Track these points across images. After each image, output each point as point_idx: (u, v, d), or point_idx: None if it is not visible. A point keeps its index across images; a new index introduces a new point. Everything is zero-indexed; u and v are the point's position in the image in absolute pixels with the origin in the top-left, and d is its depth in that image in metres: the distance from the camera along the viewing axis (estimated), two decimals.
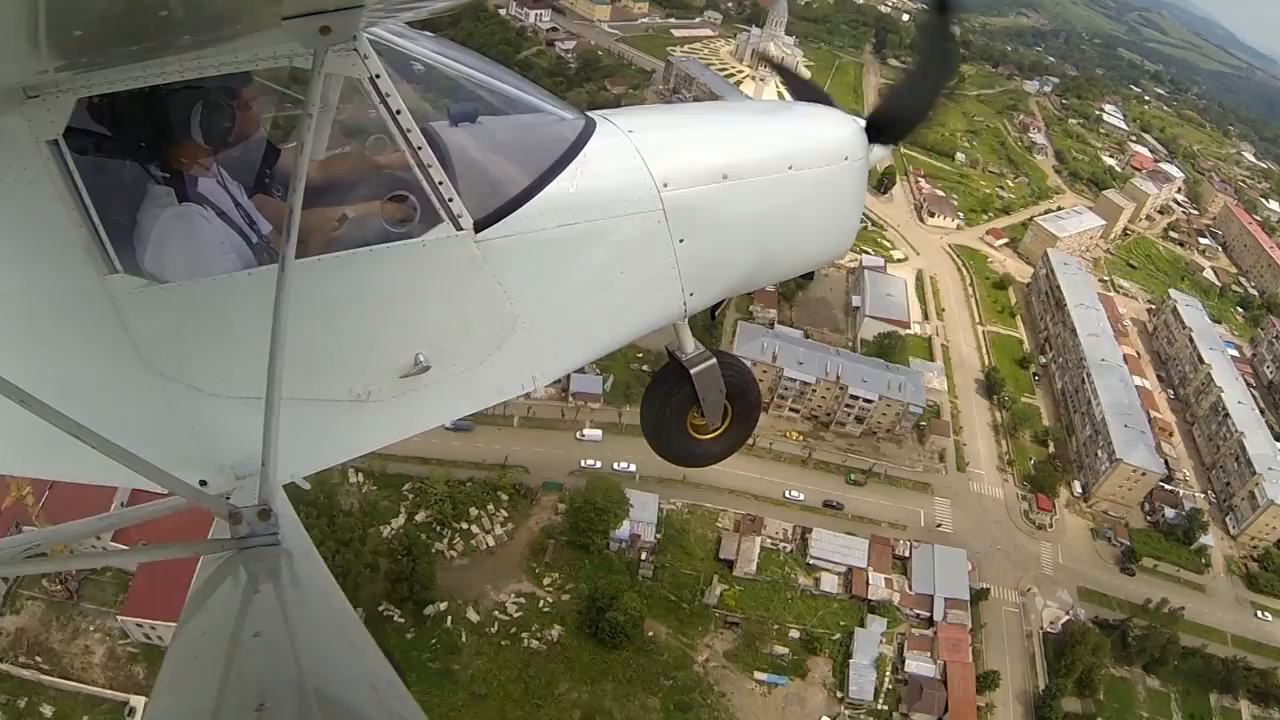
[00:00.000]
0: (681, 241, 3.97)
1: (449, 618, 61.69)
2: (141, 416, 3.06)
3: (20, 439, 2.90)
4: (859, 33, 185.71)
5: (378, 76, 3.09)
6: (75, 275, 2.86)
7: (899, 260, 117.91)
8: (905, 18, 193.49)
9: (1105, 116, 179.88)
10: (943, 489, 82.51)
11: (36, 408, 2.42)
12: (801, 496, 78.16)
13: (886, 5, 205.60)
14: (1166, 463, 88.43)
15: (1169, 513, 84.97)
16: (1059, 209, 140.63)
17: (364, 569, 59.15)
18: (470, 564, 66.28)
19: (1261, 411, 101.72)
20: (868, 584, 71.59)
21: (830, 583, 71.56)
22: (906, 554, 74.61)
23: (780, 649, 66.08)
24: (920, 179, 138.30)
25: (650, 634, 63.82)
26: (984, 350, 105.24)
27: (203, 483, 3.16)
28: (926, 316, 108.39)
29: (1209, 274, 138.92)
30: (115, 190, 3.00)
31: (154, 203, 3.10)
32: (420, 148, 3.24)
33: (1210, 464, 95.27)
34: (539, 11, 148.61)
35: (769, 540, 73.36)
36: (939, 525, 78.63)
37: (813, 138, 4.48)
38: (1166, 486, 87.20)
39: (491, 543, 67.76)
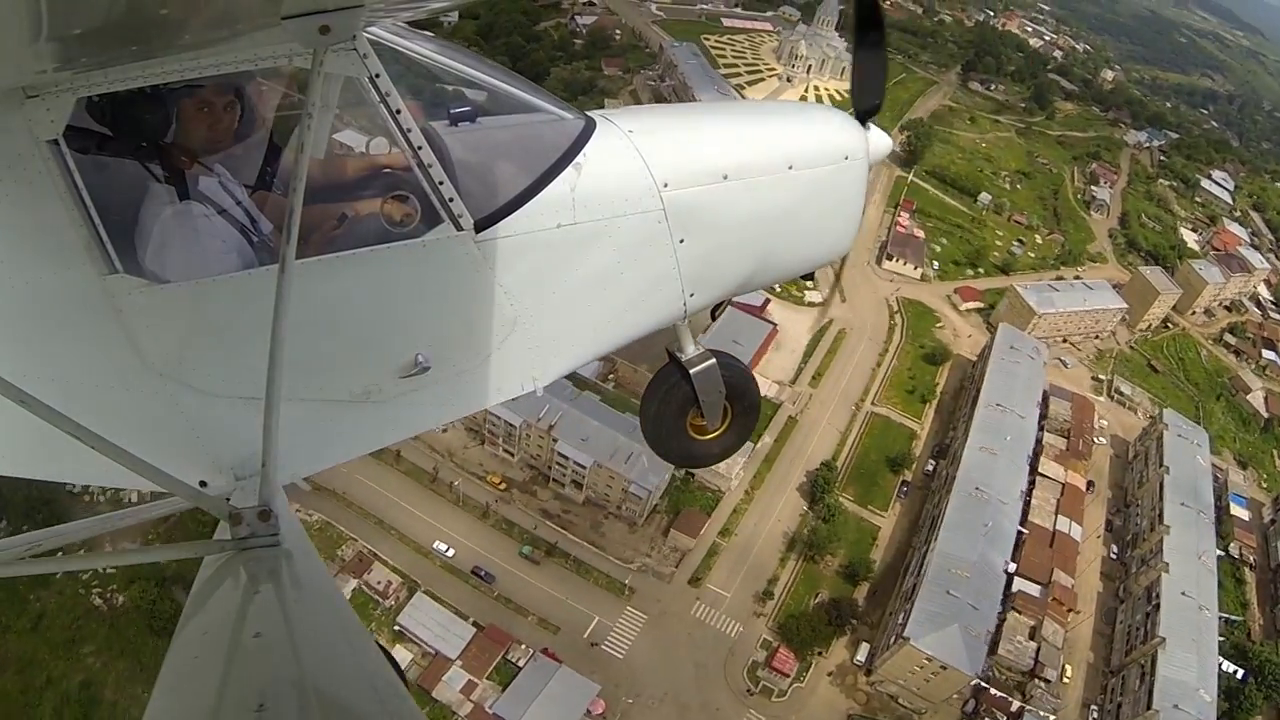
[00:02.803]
0: (682, 242, 3.92)
1: None
2: (141, 417, 3.03)
3: (20, 439, 2.90)
4: (955, 52, 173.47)
5: (377, 76, 3.07)
6: (75, 275, 2.84)
7: (809, 304, 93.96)
8: (1058, 54, 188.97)
9: (1206, 184, 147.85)
10: (647, 601, 61.76)
11: (36, 408, 2.39)
12: (451, 553, 62.49)
13: (1038, 38, 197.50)
14: (1003, 659, 62.02)
15: None
16: (1076, 278, 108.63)
17: None
18: None
19: (1230, 618, 69.55)
20: (439, 679, 55.31)
21: (403, 659, 55.50)
22: (520, 663, 56.85)
23: None
24: (904, 212, 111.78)
25: None
26: (852, 438, 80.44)
27: (203, 483, 3.12)
28: (795, 380, 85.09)
29: (1257, 399, 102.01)
30: (115, 190, 2.96)
31: (154, 202, 3.07)
32: (420, 147, 3.21)
33: (1115, 669, 66.03)
34: None
35: (366, 587, 59.53)
36: (595, 644, 59.10)
37: (813, 137, 4.41)
38: (995, 692, 60.04)
39: None
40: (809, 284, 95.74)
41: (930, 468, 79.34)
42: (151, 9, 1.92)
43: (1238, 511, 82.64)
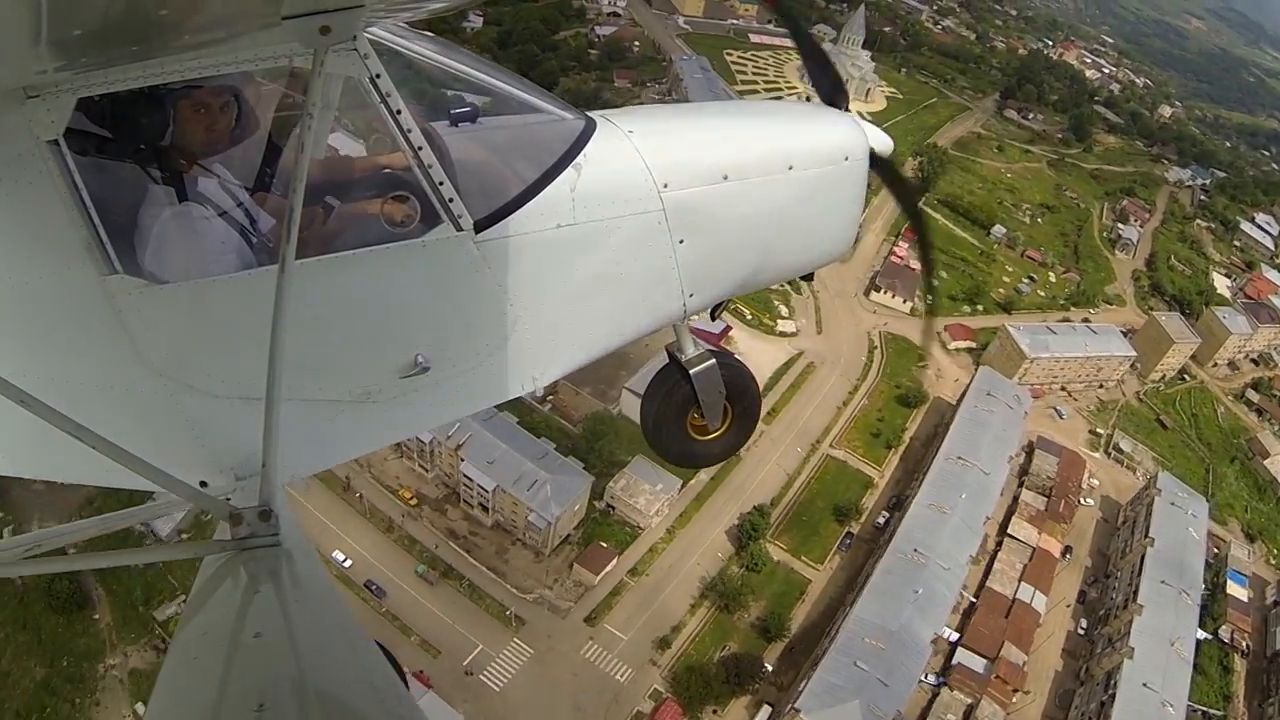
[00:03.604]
0: (682, 242, 3.92)
1: None
2: (141, 417, 3.03)
3: (20, 439, 2.90)
4: (998, 79, 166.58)
5: (378, 76, 3.07)
6: (75, 275, 2.84)
7: (782, 334, 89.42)
8: (1115, 87, 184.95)
9: (1247, 226, 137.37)
10: (537, 635, 57.90)
11: (36, 408, 2.40)
12: (348, 564, 59.35)
13: (1096, 70, 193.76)
14: None
15: None
16: (1084, 321, 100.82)
17: None
18: None
19: (1207, 711, 62.04)
20: None
21: None
22: None
23: None
24: (902, 242, 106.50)
25: None
26: (800, 481, 74.91)
27: (203, 484, 3.11)
28: None
29: (1276, 465, 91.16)
30: (115, 190, 2.96)
31: (154, 203, 3.07)
32: (421, 148, 3.22)
33: None
34: None
35: None
36: (471, 674, 55.09)
37: (812, 138, 4.41)
38: None
39: None
40: (783, 313, 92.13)
41: (882, 521, 71.89)
42: (151, 9, 1.93)
43: (1235, 591, 73.53)
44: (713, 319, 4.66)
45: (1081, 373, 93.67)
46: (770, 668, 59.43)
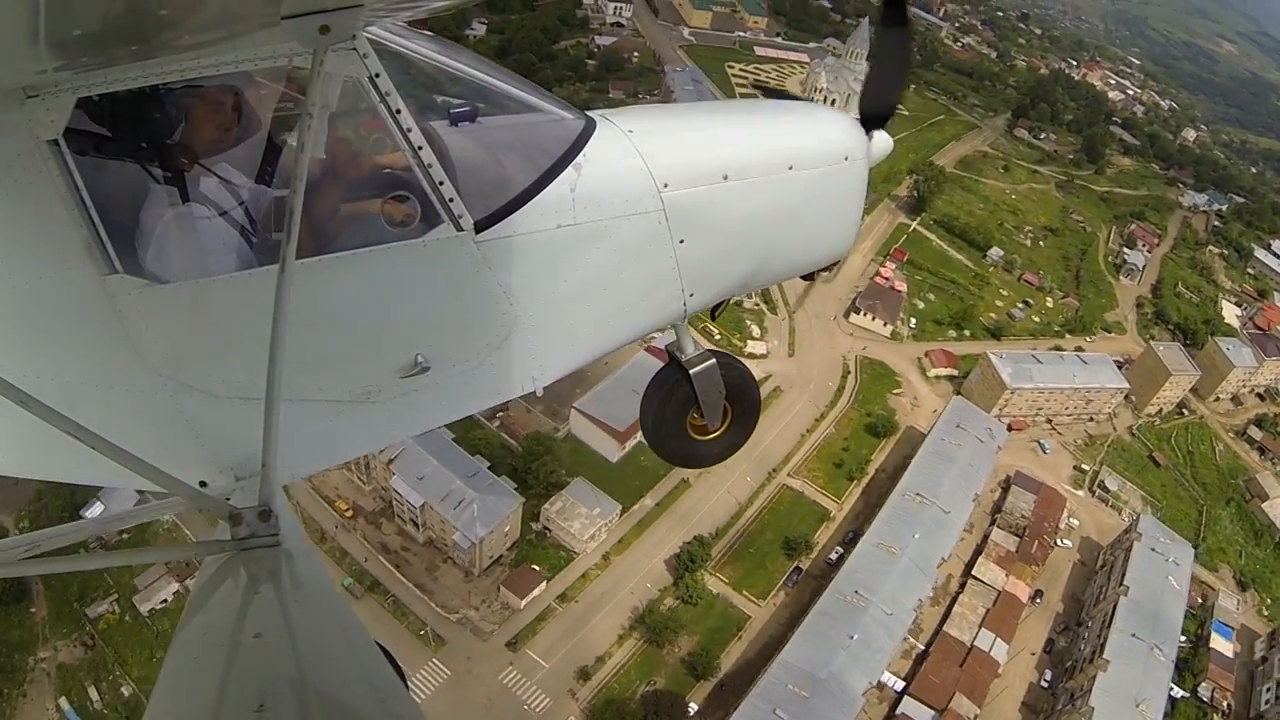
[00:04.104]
0: (682, 242, 3.92)
1: None
2: (141, 417, 3.03)
3: (20, 439, 2.90)
4: (1012, 97, 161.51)
5: (377, 76, 3.07)
6: (75, 275, 2.84)
7: (751, 355, 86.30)
8: (1138, 109, 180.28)
9: (1262, 254, 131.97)
10: (456, 656, 56.24)
11: (36, 408, 2.40)
12: None
13: (1120, 92, 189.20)
14: None
15: None
16: (1078, 349, 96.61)
17: None
18: None
19: None
20: None
21: None
22: None
23: None
24: (890, 262, 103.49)
25: None
26: (751, 511, 71.34)
27: (203, 484, 3.12)
28: None
29: (1275, 509, 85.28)
30: (116, 190, 2.96)
31: (155, 203, 3.07)
32: (420, 148, 3.22)
33: None
34: (619, 4, 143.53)
35: (185, 590, 55.13)
36: None
37: (813, 138, 4.40)
38: None
39: None
40: (754, 334, 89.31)
41: (834, 557, 67.83)
42: (151, 9, 1.94)
43: (1220, 644, 68.19)
44: (713, 319, 4.71)
45: (1069, 405, 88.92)
46: (695, 708, 56.42)
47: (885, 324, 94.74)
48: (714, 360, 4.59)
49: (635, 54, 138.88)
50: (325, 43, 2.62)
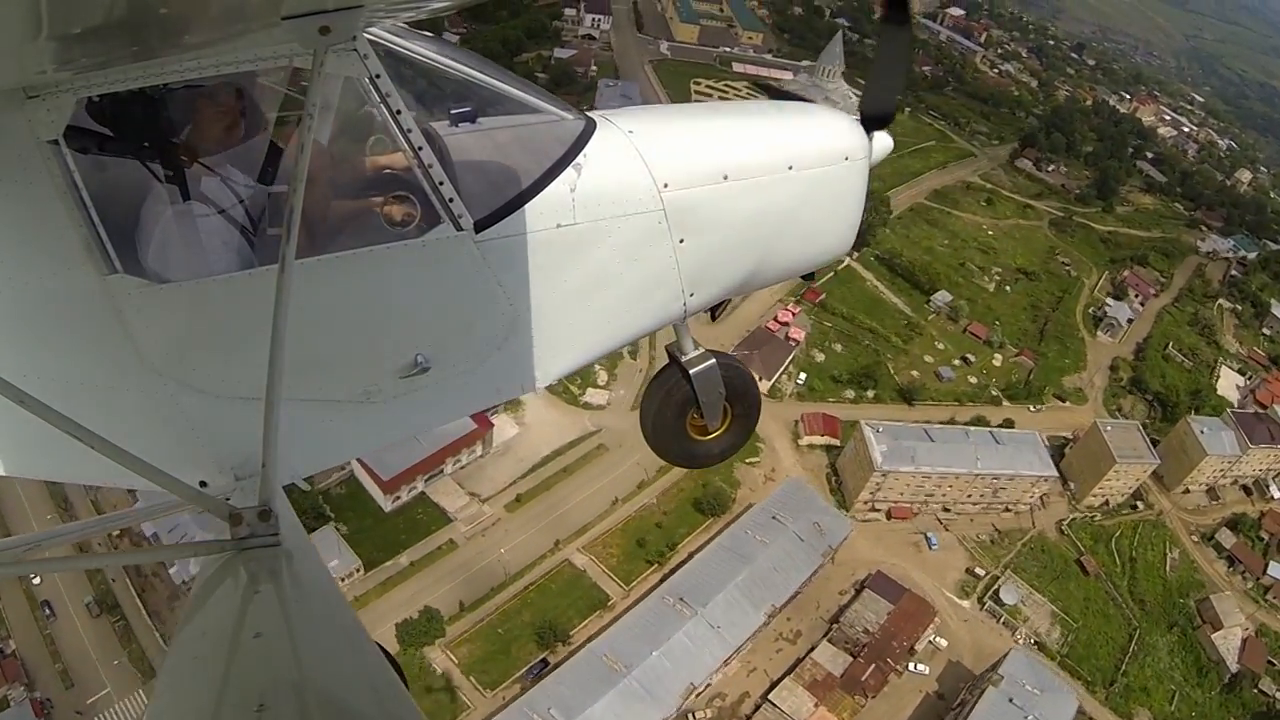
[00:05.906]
0: (682, 242, 3.93)
1: None
2: (142, 417, 3.04)
3: (20, 439, 2.93)
4: (1025, 124, 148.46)
5: (378, 76, 3.09)
6: (75, 275, 2.85)
7: (586, 405, 74.99)
8: (1192, 148, 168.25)
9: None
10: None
11: (36, 408, 2.41)
12: (38, 582, 55.58)
13: (1175, 128, 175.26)
14: None
15: None
16: (1005, 423, 79.69)
17: None
18: None
19: None
20: None
21: None
22: (12, 703, 51.55)
23: None
24: (795, 306, 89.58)
25: None
26: (517, 586, 62.21)
27: (203, 484, 3.12)
28: (494, 497, 66.31)
29: (1228, 642, 66.30)
30: (116, 190, 2.98)
31: (155, 202, 3.07)
32: (421, 148, 3.23)
33: None
34: (598, 16, 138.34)
35: None
36: (81, 714, 52.45)
37: (813, 138, 4.40)
38: None
39: None
40: (599, 381, 77.07)
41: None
42: (151, 9, 1.93)
43: None
44: (713, 319, 4.71)
45: (970, 491, 72.08)
46: None
47: (761, 378, 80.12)
48: (714, 360, 4.55)
49: (594, 68, 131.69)
50: (325, 43, 2.64)
